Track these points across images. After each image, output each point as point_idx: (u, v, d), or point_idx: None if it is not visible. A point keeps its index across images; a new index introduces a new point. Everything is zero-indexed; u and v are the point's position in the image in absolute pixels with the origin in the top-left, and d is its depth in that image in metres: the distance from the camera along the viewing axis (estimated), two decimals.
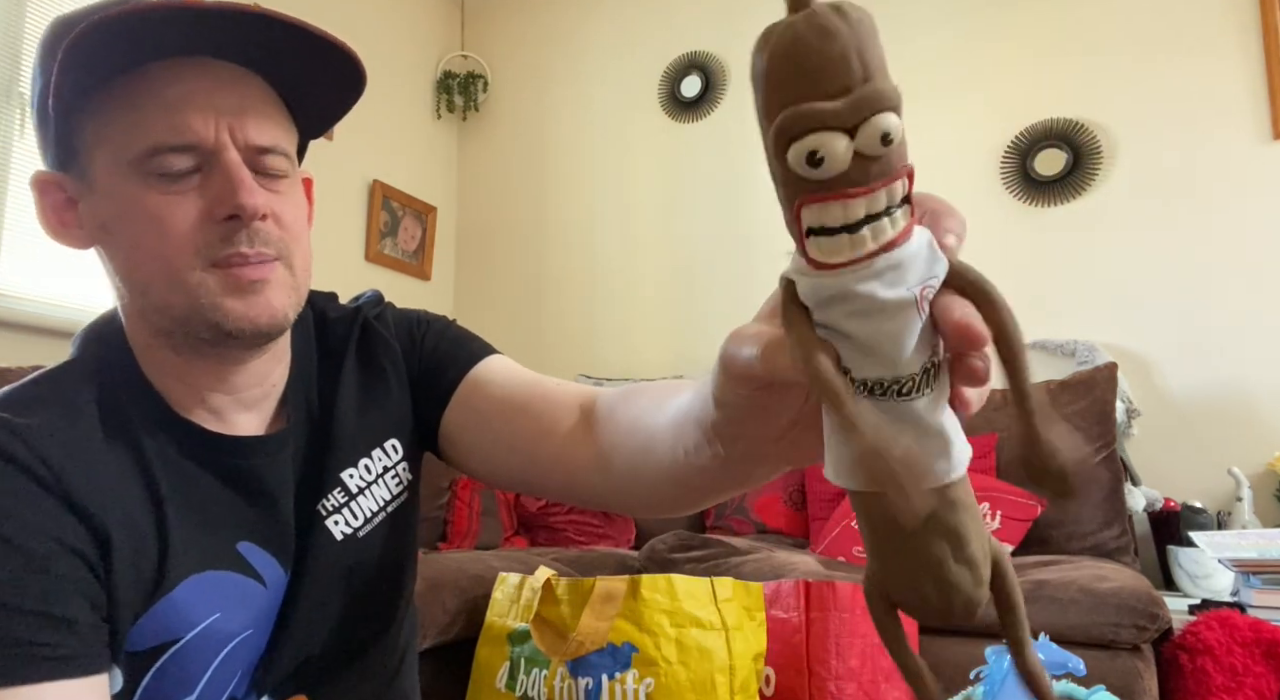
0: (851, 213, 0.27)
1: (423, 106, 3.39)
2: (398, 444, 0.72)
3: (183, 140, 0.55)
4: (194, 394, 0.62)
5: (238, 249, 0.56)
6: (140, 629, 0.57)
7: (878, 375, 0.29)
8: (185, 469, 0.61)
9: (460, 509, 2.49)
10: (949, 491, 0.30)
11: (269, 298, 0.58)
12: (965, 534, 0.30)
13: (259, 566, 0.63)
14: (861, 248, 0.27)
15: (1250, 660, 1.50)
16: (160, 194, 0.55)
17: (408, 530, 0.74)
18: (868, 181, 0.26)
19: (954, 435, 0.30)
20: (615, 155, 3.22)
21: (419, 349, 0.74)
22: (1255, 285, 2.25)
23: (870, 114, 0.25)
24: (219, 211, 0.56)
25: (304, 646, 0.65)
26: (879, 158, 0.26)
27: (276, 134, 0.60)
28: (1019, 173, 2.54)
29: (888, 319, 0.28)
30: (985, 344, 0.28)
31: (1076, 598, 1.49)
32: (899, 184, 0.27)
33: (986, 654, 1.08)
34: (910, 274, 0.28)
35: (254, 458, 0.64)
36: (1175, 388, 2.32)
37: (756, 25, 0.29)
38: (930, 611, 0.31)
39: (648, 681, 1.27)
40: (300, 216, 0.63)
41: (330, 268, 2.81)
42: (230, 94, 0.57)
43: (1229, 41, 2.33)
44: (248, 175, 0.57)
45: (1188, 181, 2.35)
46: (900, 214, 0.27)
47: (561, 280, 3.28)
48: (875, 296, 0.27)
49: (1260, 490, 2.14)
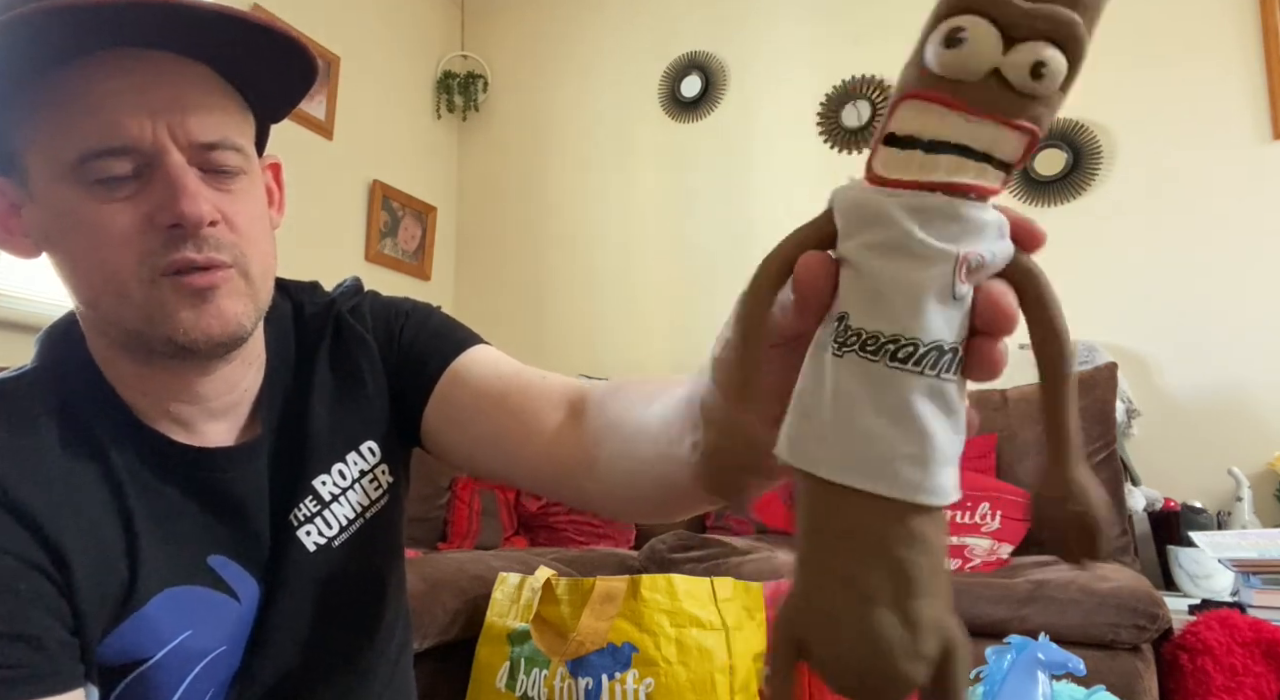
0: (945, 128, 0.22)
1: (423, 106, 3.39)
2: (375, 446, 0.68)
3: (116, 143, 0.50)
4: (159, 405, 0.59)
5: (183, 254, 0.52)
6: (109, 645, 0.54)
7: (876, 328, 0.23)
8: (152, 481, 0.58)
9: (460, 509, 2.48)
10: (911, 516, 0.24)
11: (221, 306, 0.54)
12: (915, 579, 0.24)
13: (231, 581, 0.60)
14: (930, 173, 0.23)
15: (1250, 660, 1.50)
16: (99, 202, 0.51)
17: (390, 536, 0.70)
18: (987, 106, 0.22)
19: (941, 449, 0.24)
20: (615, 155, 3.22)
21: (397, 342, 0.70)
22: (1255, 285, 2.25)
23: (1041, 35, 0.21)
24: (161, 219, 0.51)
25: (281, 662, 0.62)
26: (1017, 92, 0.22)
27: (224, 126, 0.54)
28: (1019, 173, 2.54)
29: (914, 265, 0.23)
30: (1013, 325, 0.24)
31: (1076, 598, 1.49)
32: (1014, 137, 0.23)
33: (986, 654, 1.08)
34: (966, 237, 0.23)
35: (223, 470, 0.60)
36: (1175, 388, 2.32)
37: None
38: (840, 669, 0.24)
39: (648, 681, 1.27)
40: (256, 215, 0.58)
41: (330, 268, 2.81)
42: (168, 87, 0.52)
43: (1229, 42, 2.33)
44: (191, 180, 0.52)
45: (1188, 182, 2.34)
46: (993, 174, 0.23)
47: (561, 280, 3.27)
48: (912, 233, 0.23)
49: (1260, 490, 2.14)
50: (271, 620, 0.62)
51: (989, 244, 0.23)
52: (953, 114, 0.22)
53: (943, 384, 0.23)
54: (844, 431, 0.24)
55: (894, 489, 0.23)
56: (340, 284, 0.74)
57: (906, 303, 0.23)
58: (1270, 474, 2.15)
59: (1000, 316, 0.24)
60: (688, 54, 3.10)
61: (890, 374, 0.23)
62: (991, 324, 0.24)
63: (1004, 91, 0.22)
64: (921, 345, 0.23)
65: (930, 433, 0.23)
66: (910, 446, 0.23)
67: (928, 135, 0.23)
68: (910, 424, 0.23)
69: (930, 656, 0.24)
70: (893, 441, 0.23)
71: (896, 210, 0.23)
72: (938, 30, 0.22)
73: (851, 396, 0.24)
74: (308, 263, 0.63)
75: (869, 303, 0.23)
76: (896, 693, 0.24)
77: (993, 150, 0.23)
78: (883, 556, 0.24)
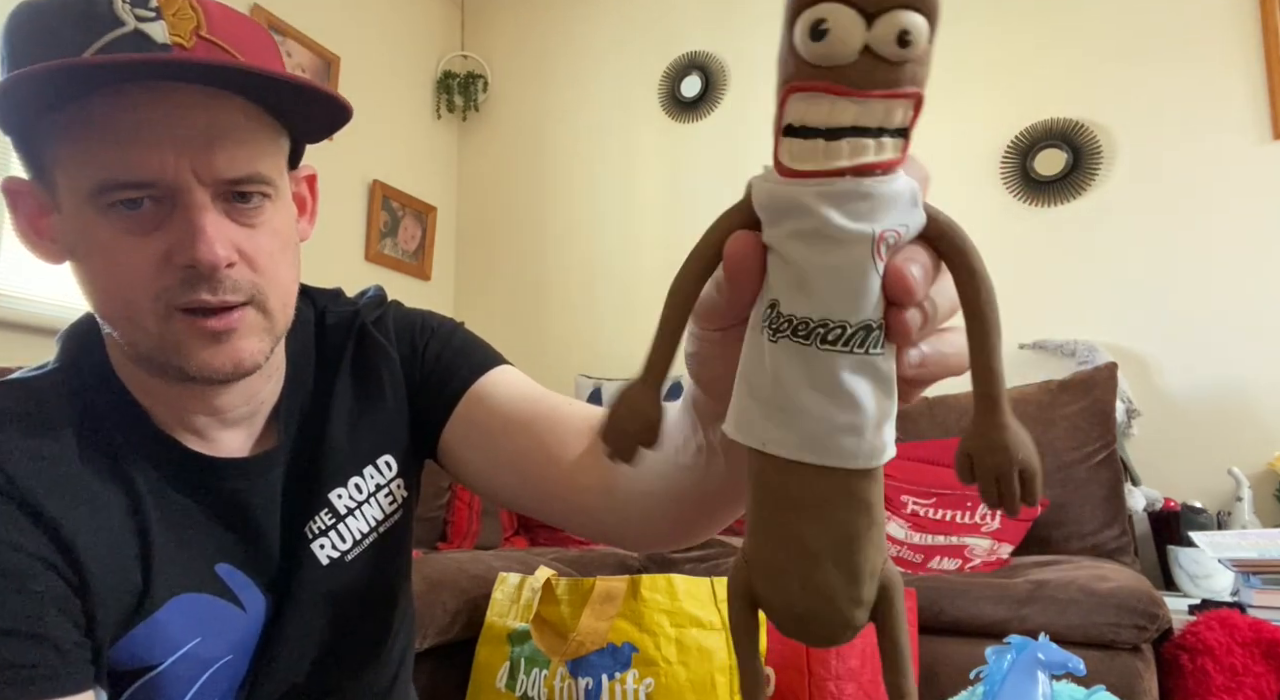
0: (837, 115, 0.23)
1: (423, 106, 3.39)
2: (391, 460, 0.68)
3: (138, 177, 0.50)
4: (175, 415, 0.59)
5: (199, 296, 0.51)
6: (120, 650, 0.54)
7: (804, 314, 0.25)
8: (166, 488, 0.58)
9: (460, 509, 2.48)
10: (851, 481, 0.26)
11: (237, 346, 0.54)
12: (854, 537, 0.26)
13: (238, 590, 0.60)
14: (835, 160, 0.24)
15: (1250, 660, 1.50)
16: (119, 231, 0.51)
17: (400, 551, 0.70)
18: (868, 85, 0.23)
19: (874, 417, 0.25)
20: (615, 155, 3.22)
21: (420, 358, 0.69)
22: (1255, 285, 2.25)
23: (896, 4, 0.22)
24: (178, 259, 0.51)
25: (289, 675, 0.62)
26: (890, 63, 0.23)
27: (253, 160, 0.53)
28: (1019, 173, 2.54)
29: (834, 251, 0.24)
30: (915, 297, 0.25)
31: (1076, 598, 1.49)
32: (901, 106, 0.24)
33: (986, 654, 1.08)
34: (879, 213, 0.24)
35: (236, 480, 0.60)
36: (1175, 388, 2.32)
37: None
38: (791, 617, 0.27)
39: (648, 681, 1.27)
40: (279, 247, 0.57)
41: (330, 268, 2.81)
42: (193, 122, 0.50)
43: (1229, 42, 2.33)
44: (210, 222, 0.51)
45: (1188, 181, 2.34)
46: (891, 144, 0.24)
47: (561, 280, 3.28)
48: (829, 220, 0.24)
49: (1260, 490, 2.14)
50: (280, 632, 0.61)
51: (903, 216, 0.25)
52: (841, 100, 0.23)
53: (872, 358, 0.25)
54: (785, 410, 0.26)
55: (833, 459, 0.26)
56: (363, 292, 0.74)
57: (831, 287, 0.24)
58: (1270, 474, 2.15)
59: (901, 290, 0.25)
60: (688, 54, 3.10)
61: (823, 355, 0.25)
62: (896, 296, 0.25)
63: (879, 65, 0.23)
64: (850, 326, 0.25)
65: (863, 405, 0.25)
66: (846, 418, 0.25)
67: (824, 123, 0.24)
68: (845, 399, 0.25)
69: (869, 601, 0.27)
70: (831, 417, 0.25)
71: (811, 199, 0.24)
72: (800, 23, 0.23)
73: (789, 378, 0.25)
74: (307, 263, 0.62)
75: (796, 289, 0.25)
76: (841, 635, 0.27)
77: (886, 123, 0.24)
78: (826, 519, 0.26)
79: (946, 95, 2.63)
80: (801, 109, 0.24)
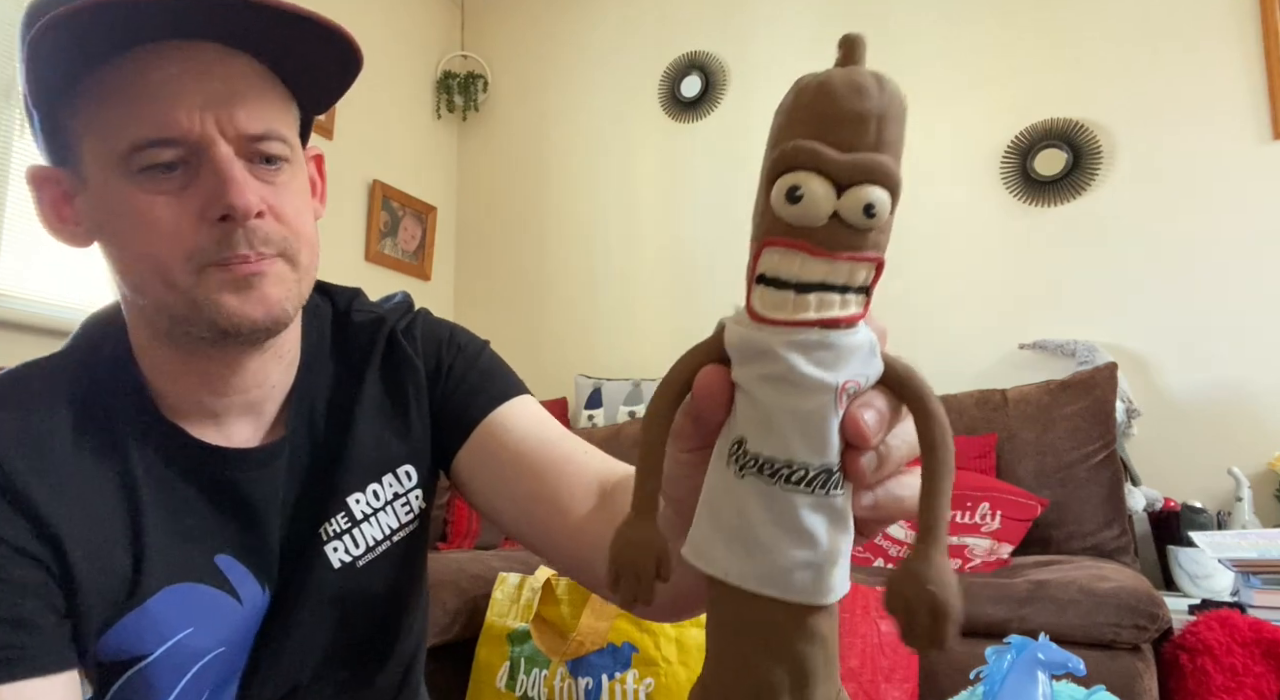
0: (807, 271, 0.26)
1: (423, 106, 3.39)
2: (412, 471, 0.68)
3: (167, 133, 0.51)
4: (190, 396, 0.59)
5: (235, 252, 0.53)
6: (109, 640, 0.54)
7: (770, 454, 0.27)
8: (167, 476, 0.58)
9: (460, 509, 2.48)
10: (807, 615, 0.27)
11: (265, 292, 0.55)
12: (812, 672, 0.27)
13: (236, 582, 0.60)
14: (803, 312, 0.26)
15: (1250, 660, 1.50)
16: (149, 193, 0.52)
17: (415, 562, 0.70)
18: (837, 248, 0.25)
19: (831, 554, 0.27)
20: (615, 155, 3.22)
21: (445, 376, 0.69)
22: (1255, 285, 2.25)
23: (864, 180, 0.25)
24: (211, 212, 0.52)
25: (291, 675, 0.62)
26: (856, 229, 0.25)
27: (271, 119, 0.55)
28: (1019, 173, 2.54)
29: (800, 397, 0.26)
30: (870, 442, 0.26)
31: (1076, 598, 1.49)
32: (865, 268, 0.26)
33: (986, 654, 1.08)
34: (842, 363, 0.26)
35: (239, 470, 0.60)
36: (1175, 388, 2.32)
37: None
38: None
39: (648, 681, 1.27)
40: (302, 206, 0.58)
41: (330, 268, 2.80)
42: (217, 79, 0.52)
43: (1229, 41, 2.33)
44: (239, 171, 0.53)
45: (1188, 181, 2.34)
46: (855, 300, 0.26)
47: (561, 280, 3.27)
48: (795, 368, 0.26)
49: (1260, 490, 2.14)
50: (285, 631, 0.61)
51: (862, 366, 0.27)
52: (813, 258, 0.25)
53: (831, 499, 0.27)
54: (748, 544, 0.27)
55: (791, 593, 0.27)
56: (389, 297, 0.74)
57: (795, 431, 0.26)
58: (1270, 474, 2.15)
59: (856, 434, 0.26)
60: (688, 54, 3.10)
61: (785, 494, 0.27)
62: (852, 440, 0.27)
63: (846, 230, 0.25)
64: (811, 470, 0.26)
65: (821, 542, 0.27)
66: (804, 555, 0.27)
67: (795, 278, 0.26)
68: (804, 536, 0.27)
69: None
70: (789, 552, 0.27)
71: (780, 346, 0.26)
72: (778, 186, 0.25)
73: (752, 511, 0.27)
74: None
75: (763, 430, 0.27)
76: None
77: (851, 281, 0.26)
78: (782, 651, 0.27)
79: (947, 96, 2.64)
80: (775, 262, 0.26)
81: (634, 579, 0.28)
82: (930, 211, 2.60)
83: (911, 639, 0.26)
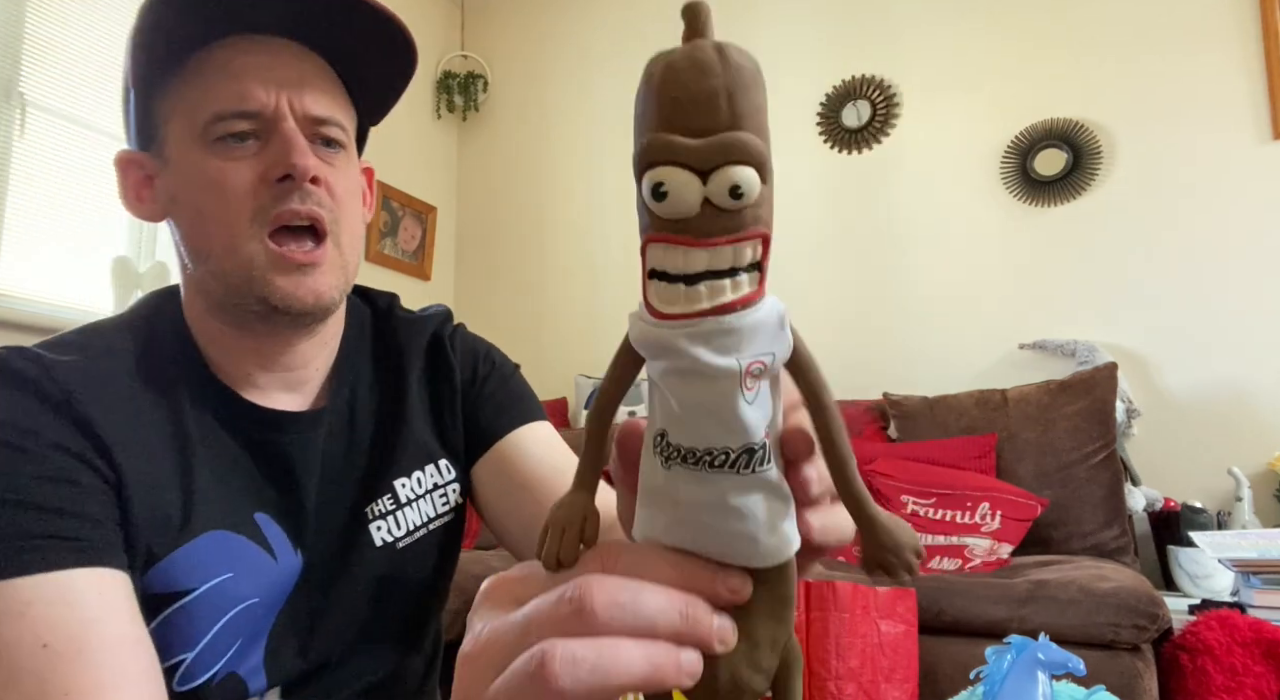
0: (691, 262, 0.25)
1: (422, 106, 3.39)
2: (450, 466, 0.72)
3: (244, 107, 0.59)
4: (238, 368, 0.64)
5: (289, 206, 0.59)
6: (157, 572, 0.57)
7: (690, 444, 0.27)
8: (214, 430, 0.62)
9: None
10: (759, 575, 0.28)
11: (318, 280, 0.61)
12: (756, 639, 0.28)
13: (272, 540, 0.63)
14: (695, 303, 0.26)
15: (1250, 660, 1.50)
16: (222, 159, 0.59)
17: (448, 554, 0.73)
18: (713, 234, 0.25)
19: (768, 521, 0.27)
20: (615, 155, 3.22)
21: (478, 388, 0.74)
22: (1255, 285, 2.25)
23: (724, 162, 0.24)
24: (273, 173, 0.59)
25: (324, 650, 0.64)
26: (729, 211, 0.25)
27: (334, 107, 0.63)
28: (1019, 173, 2.54)
29: (706, 385, 0.26)
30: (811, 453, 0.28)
31: (1076, 598, 1.49)
32: (748, 246, 0.26)
33: (986, 654, 1.07)
34: (745, 344, 0.26)
35: (281, 433, 0.65)
36: (1175, 388, 2.32)
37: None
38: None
39: None
40: (352, 190, 0.65)
41: None
42: (291, 68, 0.61)
43: (1229, 41, 2.33)
44: (303, 140, 0.60)
45: (1188, 181, 2.35)
46: (746, 279, 0.26)
47: (561, 280, 3.28)
48: (698, 359, 0.26)
49: (1260, 490, 2.14)
50: (324, 603, 0.64)
51: (768, 344, 0.26)
52: (694, 249, 0.25)
53: (760, 475, 0.27)
54: (684, 521, 0.28)
55: (732, 559, 0.28)
56: (428, 307, 0.79)
57: (705, 422, 0.26)
58: (1270, 474, 2.15)
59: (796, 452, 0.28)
60: None
61: (713, 479, 0.27)
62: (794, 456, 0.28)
63: (720, 214, 0.25)
64: (732, 452, 0.27)
65: (756, 514, 0.27)
66: (742, 527, 0.27)
67: (681, 270, 0.26)
68: (736, 511, 0.27)
69: (770, 669, 0.29)
70: (725, 525, 0.27)
71: (682, 340, 0.26)
72: (644, 184, 0.25)
73: (684, 495, 0.28)
74: None
75: (679, 423, 0.27)
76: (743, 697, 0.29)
77: (737, 263, 0.26)
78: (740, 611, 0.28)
79: (946, 96, 2.64)
80: (660, 256, 0.26)
81: (559, 534, 0.29)
82: (930, 211, 2.60)
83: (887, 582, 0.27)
